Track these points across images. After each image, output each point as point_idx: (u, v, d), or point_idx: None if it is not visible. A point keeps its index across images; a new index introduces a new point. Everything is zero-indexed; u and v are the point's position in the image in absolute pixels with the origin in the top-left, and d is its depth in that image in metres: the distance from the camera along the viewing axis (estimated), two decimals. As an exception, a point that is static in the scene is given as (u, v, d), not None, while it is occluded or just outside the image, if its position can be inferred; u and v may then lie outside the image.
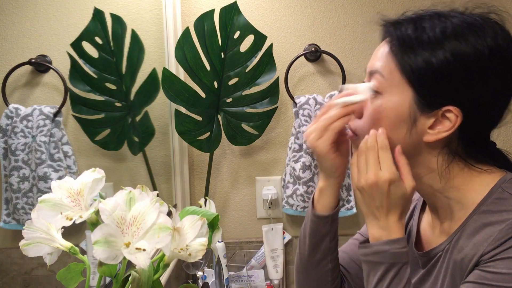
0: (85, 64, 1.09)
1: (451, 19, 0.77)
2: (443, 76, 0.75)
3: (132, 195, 0.65)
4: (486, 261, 0.72)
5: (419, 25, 0.77)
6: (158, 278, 0.71)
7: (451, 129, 0.76)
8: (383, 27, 0.82)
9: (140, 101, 1.39)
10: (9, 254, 0.87)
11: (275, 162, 1.75)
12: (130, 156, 1.33)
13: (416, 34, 0.77)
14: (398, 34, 0.78)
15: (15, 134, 0.93)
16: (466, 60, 0.74)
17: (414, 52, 0.76)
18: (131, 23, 1.31)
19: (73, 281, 0.69)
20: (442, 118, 0.77)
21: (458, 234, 0.79)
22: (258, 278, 1.66)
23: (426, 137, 0.78)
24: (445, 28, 0.76)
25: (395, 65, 0.78)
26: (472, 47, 0.74)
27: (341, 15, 1.69)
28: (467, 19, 0.77)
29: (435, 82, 0.75)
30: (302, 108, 1.62)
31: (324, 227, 0.90)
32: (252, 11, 1.67)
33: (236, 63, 1.54)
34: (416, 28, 0.77)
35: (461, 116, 0.75)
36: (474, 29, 0.75)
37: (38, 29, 0.92)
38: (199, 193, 1.75)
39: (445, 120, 0.76)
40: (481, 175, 0.80)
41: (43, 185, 0.94)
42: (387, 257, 0.76)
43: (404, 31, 0.78)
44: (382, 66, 0.79)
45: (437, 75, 0.75)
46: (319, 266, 0.93)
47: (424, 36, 0.76)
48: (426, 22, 0.77)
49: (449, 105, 0.75)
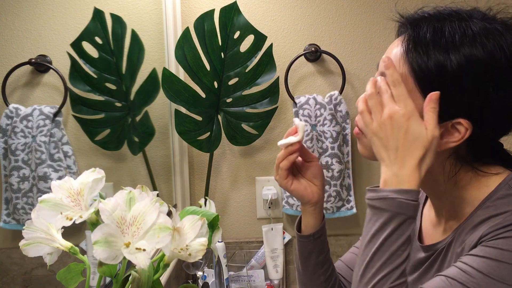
0: (85, 64, 1.09)
1: (472, 25, 0.74)
2: (457, 86, 0.73)
3: (132, 195, 0.65)
4: (487, 239, 0.70)
5: (438, 28, 0.75)
6: (158, 278, 0.71)
7: (460, 141, 0.75)
8: (401, 24, 0.80)
9: (140, 101, 1.39)
10: (9, 254, 0.87)
11: (275, 162, 1.74)
12: (130, 156, 1.33)
13: (434, 38, 0.74)
14: (416, 35, 0.76)
15: (15, 134, 0.93)
16: (482, 69, 0.72)
17: (429, 58, 0.73)
18: (131, 23, 1.30)
19: (73, 281, 0.69)
20: (451, 129, 0.75)
21: (461, 228, 0.78)
22: (258, 278, 1.66)
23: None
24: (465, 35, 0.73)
25: (408, 72, 0.75)
26: (489, 55, 0.72)
27: (341, 15, 1.69)
28: (488, 27, 0.74)
29: (447, 93, 0.73)
30: (302, 108, 1.62)
31: (308, 245, 0.95)
32: (252, 11, 1.67)
33: (236, 63, 1.54)
34: (435, 31, 0.75)
35: (471, 128, 0.74)
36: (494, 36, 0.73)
37: (38, 29, 0.92)
38: (199, 193, 1.75)
39: (455, 131, 0.75)
40: (487, 176, 0.80)
41: (43, 185, 0.94)
42: (392, 205, 0.71)
43: (423, 34, 0.75)
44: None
45: (451, 85, 0.73)
46: (312, 279, 0.97)
47: (443, 41, 0.73)
48: (447, 26, 0.75)
49: (459, 118, 0.74)
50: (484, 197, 0.77)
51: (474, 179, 0.80)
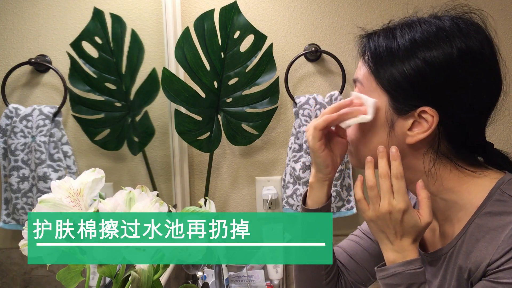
0: (85, 64, 1.09)
1: (421, 25, 0.79)
2: (415, 81, 0.77)
3: (132, 195, 0.65)
4: (493, 270, 0.72)
5: (389, 34, 0.80)
6: (158, 278, 0.71)
7: (428, 130, 0.77)
8: (359, 39, 0.87)
9: (140, 101, 1.39)
10: (9, 254, 0.87)
11: (275, 162, 1.74)
12: (130, 156, 1.33)
13: (385, 43, 0.80)
14: (370, 45, 0.82)
15: (14, 134, 0.93)
16: (436, 64, 0.76)
17: (384, 61, 0.79)
18: (131, 23, 1.30)
19: (73, 281, 0.69)
20: (419, 119, 0.78)
21: (461, 238, 0.79)
22: (258, 278, 1.66)
23: (407, 139, 0.79)
24: (414, 36, 0.78)
25: (369, 74, 0.82)
26: (441, 52, 0.76)
27: (341, 15, 1.69)
28: (437, 23, 0.78)
29: (407, 87, 0.77)
30: (302, 108, 1.62)
31: None
32: (252, 11, 1.67)
33: (236, 63, 1.54)
34: (387, 37, 0.80)
35: (437, 116, 0.76)
36: (443, 33, 0.77)
37: (38, 29, 0.92)
38: (199, 193, 1.75)
39: (422, 121, 0.78)
40: (475, 178, 0.80)
41: (42, 185, 0.94)
42: (404, 278, 0.77)
43: (376, 41, 0.81)
44: (361, 75, 0.84)
45: (408, 81, 0.77)
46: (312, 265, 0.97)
47: (394, 45, 0.79)
48: (398, 31, 0.80)
49: (423, 106, 0.77)
50: (478, 202, 0.78)
51: (461, 181, 0.80)
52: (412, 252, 0.78)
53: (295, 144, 1.63)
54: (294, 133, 1.64)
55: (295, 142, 1.63)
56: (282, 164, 1.73)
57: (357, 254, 1.02)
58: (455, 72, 0.75)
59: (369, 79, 0.82)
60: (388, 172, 0.79)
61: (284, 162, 1.71)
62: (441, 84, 0.76)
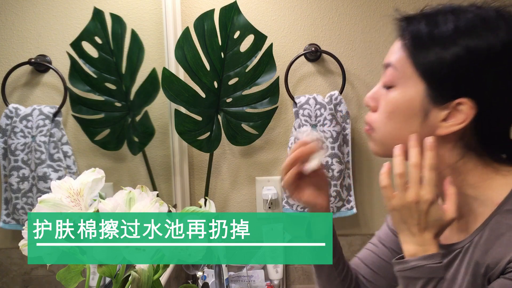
0: (85, 64, 1.09)
1: (465, 14, 0.77)
2: (455, 70, 0.74)
3: (132, 195, 0.65)
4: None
5: (432, 20, 0.78)
6: (158, 278, 0.71)
7: (464, 122, 0.75)
8: (397, 22, 0.82)
9: (140, 101, 1.39)
10: (9, 254, 0.87)
11: (275, 162, 1.74)
12: (130, 156, 1.33)
13: (428, 29, 0.77)
14: (411, 29, 0.79)
15: (14, 134, 0.93)
16: (479, 54, 0.74)
17: (426, 47, 0.76)
18: (131, 23, 1.30)
19: (73, 281, 0.69)
20: (455, 111, 0.76)
21: (480, 234, 0.78)
22: (258, 278, 1.66)
23: (439, 130, 0.77)
24: (458, 23, 0.76)
25: (407, 58, 0.78)
26: (485, 42, 0.74)
27: (341, 15, 1.69)
28: (482, 13, 0.77)
29: (447, 76, 0.75)
30: (302, 108, 1.62)
31: None
32: (252, 11, 1.67)
33: (236, 63, 1.54)
34: (429, 23, 0.77)
35: (475, 108, 0.74)
36: (488, 24, 0.75)
37: (38, 29, 0.92)
38: (199, 193, 1.75)
39: (458, 113, 0.76)
40: (499, 174, 0.79)
41: (42, 185, 0.94)
42: (424, 272, 0.75)
43: (416, 26, 0.78)
44: (395, 60, 0.80)
45: (449, 70, 0.75)
46: (329, 280, 1.00)
47: (436, 31, 0.76)
48: (440, 17, 0.77)
49: (462, 97, 0.75)
50: (499, 199, 0.77)
51: (484, 177, 0.79)
52: (433, 246, 0.76)
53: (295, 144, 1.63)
54: (294, 133, 1.64)
55: (295, 142, 1.63)
56: (282, 164, 1.72)
57: (374, 264, 1.04)
58: (496, 65, 0.74)
59: (405, 65, 0.79)
60: (420, 162, 0.76)
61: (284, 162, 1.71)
62: (482, 75, 0.74)
